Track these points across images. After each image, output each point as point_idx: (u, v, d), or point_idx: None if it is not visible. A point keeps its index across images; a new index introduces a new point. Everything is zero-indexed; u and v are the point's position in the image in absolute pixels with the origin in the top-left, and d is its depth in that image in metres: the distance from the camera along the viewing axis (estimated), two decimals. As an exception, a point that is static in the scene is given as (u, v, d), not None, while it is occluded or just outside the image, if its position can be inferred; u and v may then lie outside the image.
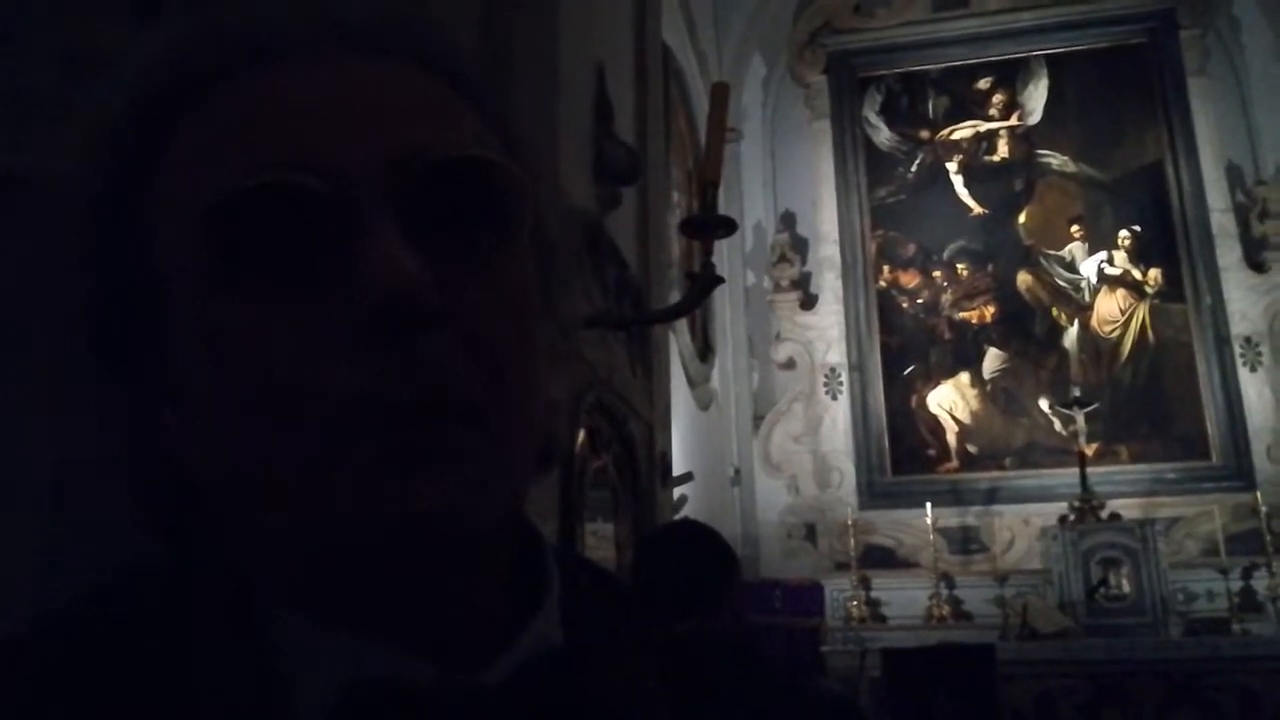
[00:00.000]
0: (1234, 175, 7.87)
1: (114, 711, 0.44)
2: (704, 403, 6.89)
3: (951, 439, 7.80)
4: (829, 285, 8.20)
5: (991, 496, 7.51)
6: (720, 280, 2.18)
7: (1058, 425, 7.49)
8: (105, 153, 0.48)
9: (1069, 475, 7.11)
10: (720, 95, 2.19)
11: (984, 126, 8.33)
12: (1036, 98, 8.28)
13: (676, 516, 3.80)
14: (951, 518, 7.45)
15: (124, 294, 0.47)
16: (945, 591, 7.11)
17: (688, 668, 0.60)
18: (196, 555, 0.49)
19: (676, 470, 3.76)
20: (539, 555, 0.54)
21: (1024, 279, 8.01)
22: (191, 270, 0.45)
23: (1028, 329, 7.92)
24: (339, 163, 0.44)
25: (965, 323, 8.03)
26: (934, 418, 7.86)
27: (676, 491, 3.77)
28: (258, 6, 0.49)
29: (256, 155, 0.44)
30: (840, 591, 7.25)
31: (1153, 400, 7.55)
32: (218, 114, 0.46)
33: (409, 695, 0.44)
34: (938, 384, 7.92)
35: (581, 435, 2.42)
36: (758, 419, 8.17)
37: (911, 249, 8.25)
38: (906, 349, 8.06)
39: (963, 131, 8.35)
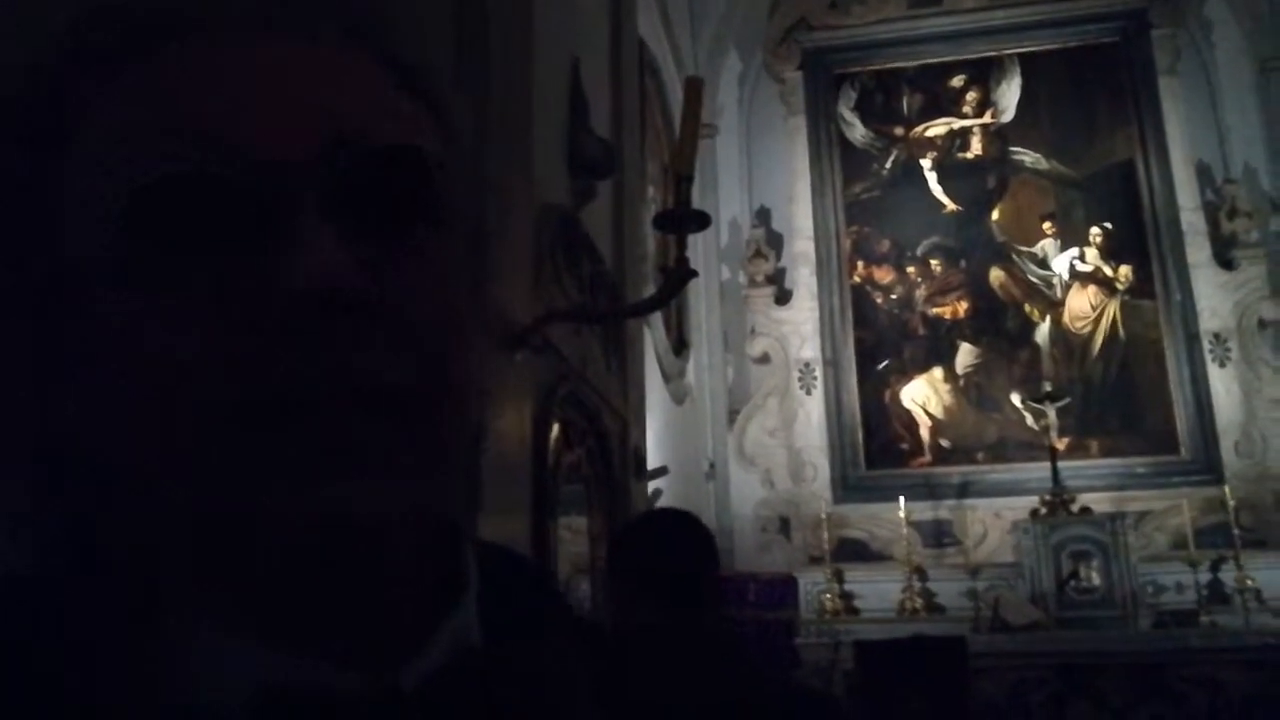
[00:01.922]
0: (1204, 174, 7.96)
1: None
2: (679, 397, 6.90)
3: (925, 433, 7.84)
4: (804, 280, 8.23)
5: (964, 490, 7.56)
6: (694, 274, 2.19)
7: (1029, 420, 7.54)
8: (7, 139, 0.44)
9: (1040, 469, 7.17)
10: (694, 89, 2.20)
11: (958, 124, 8.38)
12: (1009, 96, 8.34)
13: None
14: (925, 511, 7.50)
15: (29, 285, 0.44)
16: (918, 584, 7.15)
17: (620, 660, 0.60)
18: (94, 558, 0.46)
19: (651, 464, 3.76)
20: (457, 550, 0.52)
21: (997, 275, 8.07)
22: (103, 262, 0.42)
23: (1000, 325, 7.97)
24: (262, 150, 0.41)
25: (939, 318, 8.08)
26: (907, 412, 7.91)
27: (651, 485, 3.78)
28: None
29: (172, 142, 0.41)
30: (814, 584, 7.27)
31: (1123, 395, 7.63)
32: (131, 95, 0.43)
33: (320, 701, 0.43)
34: (911, 379, 7.97)
35: (555, 429, 2.42)
36: (733, 413, 8.19)
37: (886, 245, 8.28)
38: (880, 344, 8.10)
39: (937, 129, 8.40)
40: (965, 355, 7.94)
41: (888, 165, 8.42)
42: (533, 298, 2.27)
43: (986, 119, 8.35)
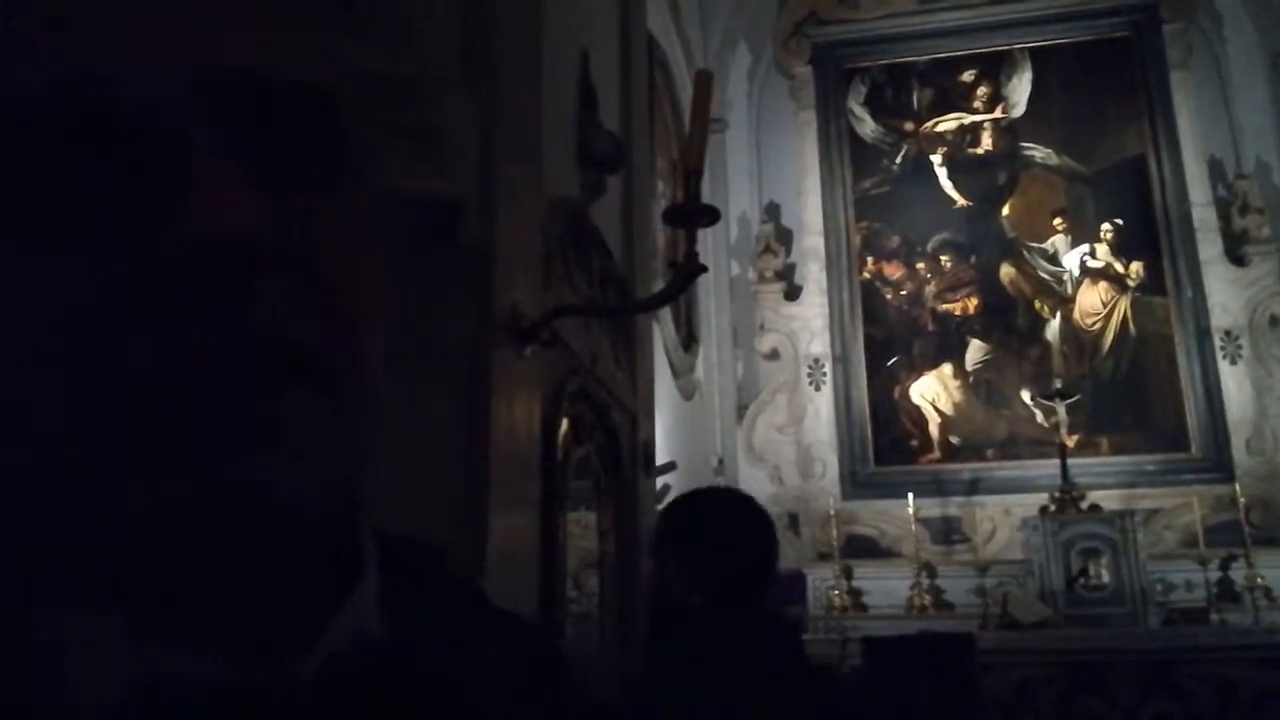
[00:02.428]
0: (1215, 169, 7.92)
1: None
2: (688, 392, 6.90)
3: (934, 430, 7.83)
4: (813, 276, 8.21)
5: (973, 487, 7.54)
6: (703, 269, 2.18)
7: (1039, 417, 7.52)
8: None
9: (1050, 466, 7.15)
10: (703, 83, 2.19)
11: (968, 119, 8.35)
12: (1020, 91, 8.30)
13: (660, 506, 3.81)
14: (934, 508, 7.48)
15: None
16: (927, 581, 7.13)
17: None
18: None
19: (660, 460, 3.76)
20: (354, 534, 0.48)
21: (1007, 271, 8.04)
22: None
23: (1010, 321, 7.95)
24: (153, 81, 0.37)
25: (948, 314, 8.05)
26: (917, 409, 7.89)
27: (660, 481, 3.77)
28: None
29: (47, 68, 0.36)
30: (823, 581, 7.27)
31: (1134, 392, 7.60)
32: None
33: (204, 696, 0.39)
34: (921, 375, 7.95)
35: (564, 424, 2.41)
36: (741, 409, 8.18)
37: (895, 241, 8.26)
38: (890, 340, 8.08)
39: (947, 124, 8.37)
40: (975, 351, 7.92)
41: (898, 160, 8.39)
42: (542, 292, 2.26)
43: (997, 114, 8.31)
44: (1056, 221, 8.05)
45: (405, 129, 1.75)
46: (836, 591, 7.17)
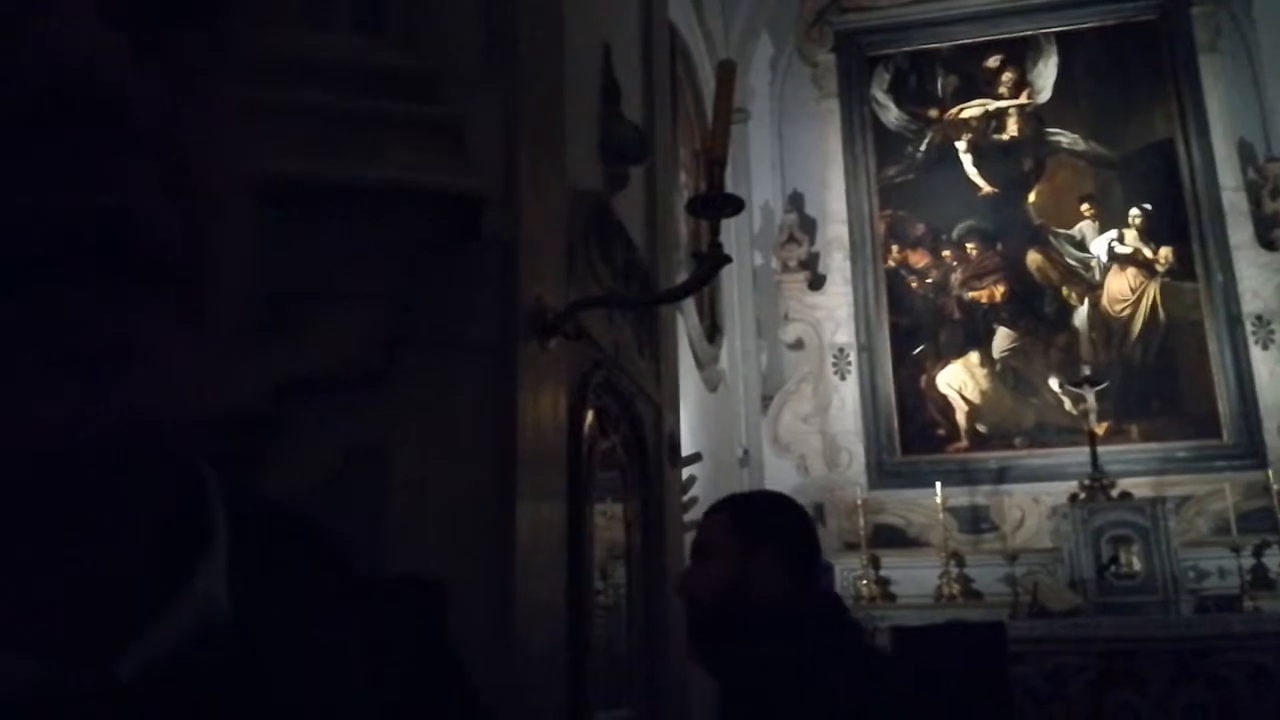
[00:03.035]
0: (1245, 152, 7.81)
1: None
2: (712, 383, 6.89)
3: (961, 418, 7.79)
4: (837, 265, 8.18)
5: (1001, 475, 7.50)
6: (727, 259, 2.18)
7: (1068, 404, 7.47)
8: None
9: (1079, 454, 7.10)
10: (726, 74, 2.19)
11: (993, 105, 8.28)
12: (1046, 76, 8.22)
13: (686, 496, 3.81)
14: (961, 497, 7.45)
15: None
16: (955, 570, 7.11)
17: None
18: None
19: (685, 451, 3.76)
20: (200, 496, 0.40)
21: (1034, 258, 7.98)
22: None
23: (1037, 308, 7.89)
24: None
25: (975, 302, 8.00)
26: (943, 397, 7.85)
27: (685, 472, 3.78)
28: None
29: None
30: (850, 571, 7.26)
31: (1163, 379, 7.52)
32: None
33: (8, 703, 0.31)
34: (947, 364, 7.91)
35: (590, 416, 2.42)
36: (766, 399, 8.17)
37: (920, 228, 8.21)
38: (915, 329, 8.04)
39: (972, 110, 8.30)
40: (1002, 339, 7.86)
41: (922, 148, 8.33)
42: (565, 285, 2.27)
43: (1022, 100, 8.24)
44: (1084, 207, 7.97)
45: (428, 124, 1.76)
46: (864, 581, 7.16)
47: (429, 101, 1.78)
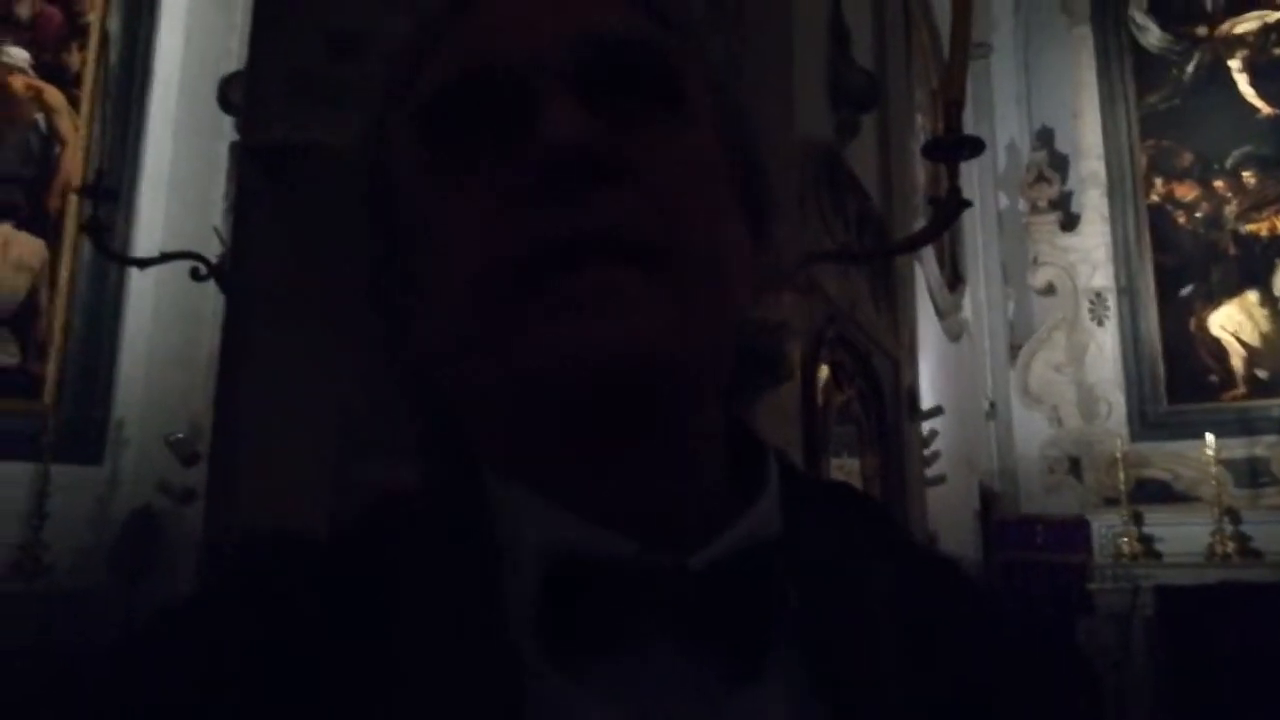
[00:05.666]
0: None
1: (389, 598, 0.46)
2: (955, 334, 6.65)
3: (1237, 363, 7.18)
4: (1093, 204, 7.69)
5: (1285, 425, 6.87)
6: (966, 204, 2.07)
7: (1365, 346, 6.72)
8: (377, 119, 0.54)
9: (1377, 401, 6.39)
10: (963, 5, 2.07)
11: (1272, 16, 7.47)
12: (1339, -23, 7.34)
13: (927, 451, 3.70)
14: (1237, 449, 6.88)
15: (386, 232, 0.53)
16: (1230, 527, 6.60)
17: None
18: (447, 454, 0.53)
19: (926, 404, 3.65)
20: (759, 454, 0.54)
21: (1324, 184, 7.19)
22: (408, 166, 0.51)
23: (1328, 240, 7.12)
24: (521, 48, 0.49)
25: (1253, 236, 7.32)
26: (1216, 341, 7.26)
27: (926, 426, 3.66)
28: None
29: (454, 56, 0.50)
30: (1108, 527, 6.89)
31: None
32: (424, 39, 0.53)
33: (611, 572, 0.45)
34: (1220, 305, 7.29)
35: (824, 371, 2.38)
36: (1014, 349, 7.82)
37: (1188, 159, 7.58)
38: (1183, 268, 7.45)
39: (1247, 24, 7.53)
40: (1285, 276, 7.17)
41: (1189, 70, 7.65)
42: (797, 238, 2.23)
43: (1309, 7, 7.39)
44: (1386, 124, 7.09)
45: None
46: (1125, 539, 6.78)
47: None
